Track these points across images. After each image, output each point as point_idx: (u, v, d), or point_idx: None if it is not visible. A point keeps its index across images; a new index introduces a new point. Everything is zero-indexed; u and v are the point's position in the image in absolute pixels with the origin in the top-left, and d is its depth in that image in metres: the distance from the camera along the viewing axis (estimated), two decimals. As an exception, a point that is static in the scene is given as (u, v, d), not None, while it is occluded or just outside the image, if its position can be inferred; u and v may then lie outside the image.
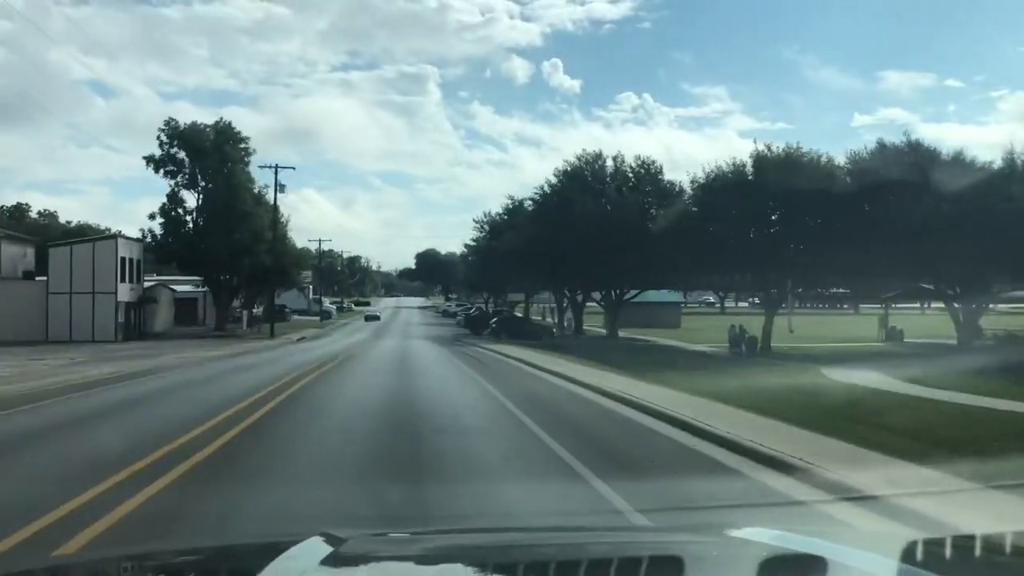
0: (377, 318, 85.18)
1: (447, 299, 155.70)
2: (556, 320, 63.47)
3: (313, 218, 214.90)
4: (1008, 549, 2.20)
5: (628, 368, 25.38)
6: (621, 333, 52.36)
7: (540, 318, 77.17)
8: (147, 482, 8.60)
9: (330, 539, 2.39)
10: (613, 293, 52.05)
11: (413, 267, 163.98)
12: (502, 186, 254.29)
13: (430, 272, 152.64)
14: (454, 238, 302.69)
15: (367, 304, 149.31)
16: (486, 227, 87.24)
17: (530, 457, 10.91)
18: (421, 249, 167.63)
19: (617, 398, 17.77)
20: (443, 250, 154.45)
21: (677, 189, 48.91)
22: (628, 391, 18.29)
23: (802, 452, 10.11)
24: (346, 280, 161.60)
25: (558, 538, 3.16)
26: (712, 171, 41.76)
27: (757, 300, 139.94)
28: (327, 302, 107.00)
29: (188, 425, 12.98)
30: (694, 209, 43.48)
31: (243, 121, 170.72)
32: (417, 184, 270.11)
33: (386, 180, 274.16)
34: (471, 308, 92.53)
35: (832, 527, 6.66)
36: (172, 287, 64.42)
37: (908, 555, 2.08)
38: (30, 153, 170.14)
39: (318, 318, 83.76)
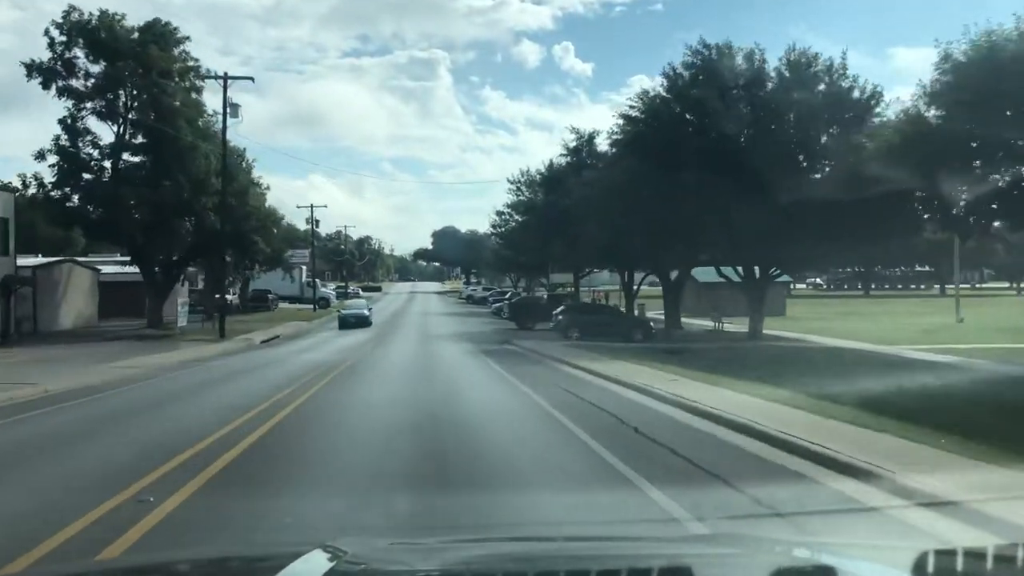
0: (364, 320, 43.07)
1: (468, 282, 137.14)
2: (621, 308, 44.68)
3: (323, 204, 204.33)
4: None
5: None
6: (709, 323, 33.75)
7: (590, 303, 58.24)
8: None
9: (333, 553, 2.30)
10: (756, 270, 32.83)
11: (429, 247, 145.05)
12: (514, 171, 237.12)
13: (450, 251, 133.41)
14: (469, 223, 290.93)
15: (377, 289, 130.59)
16: (523, 189, 68.63)
17: None
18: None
19: None
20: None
21: (871, 92, 29.80)
22: None
23: None
24: (353, 262, 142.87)
25: (577, 548, 2.94)
26: (964, 42, 22.55)
27: (820, 281, 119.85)
28: (328, 287, 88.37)
29: None
30: (934, 115, 24.42)
31: (251, 107, 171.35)
32: (429, 170, 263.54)
33: (398, 166, 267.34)
34: (507, 293, 73.59)
35: None
36: (95, 267, 45.78)
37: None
38: (39, 144, 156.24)
39: (311, 307, 65.21)
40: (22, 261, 37.73)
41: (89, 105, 37.42)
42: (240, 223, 38.59)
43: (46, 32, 35.96)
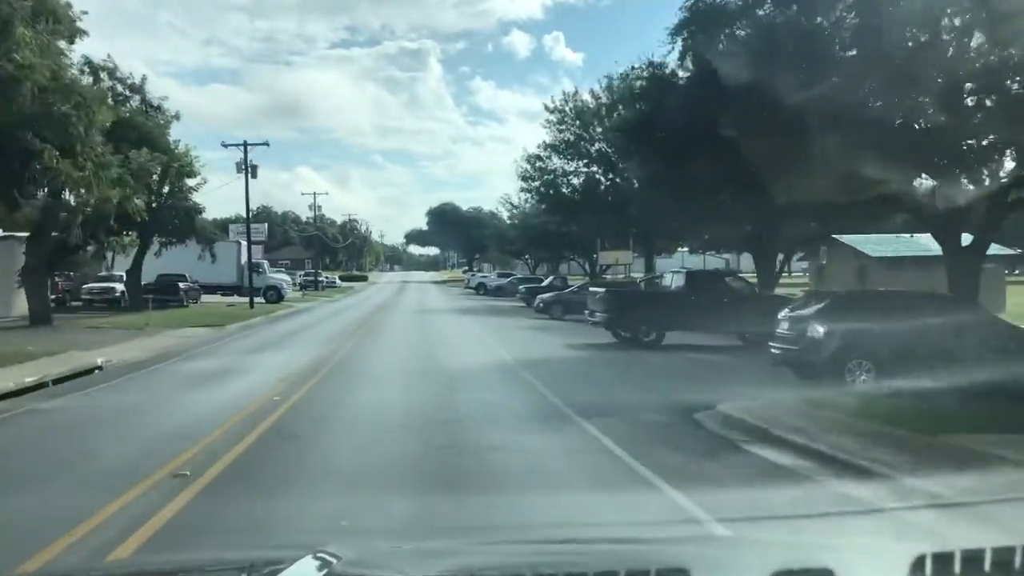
0: None
1: (470, 269, 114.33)
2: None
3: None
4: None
5: None
6: None
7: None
8: None
9: (327, 558, 2.22)
10: None
11: (424, 228, 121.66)
12: (506, 162, 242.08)
13: (448, 233, 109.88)
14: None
15: (362, 279, 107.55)
16: (569, 120, 46.21)
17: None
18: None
19: None
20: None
21: None
22: None
23: None
24: (334, 245, 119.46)
25: (575, 551, 2.79)
26: None
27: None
28: (291, 275, 65.13)
29: None
30: None
31: (238, 99, 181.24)
32: (421, 162, 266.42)
33: (389, 158, 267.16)
34: (542, 280, 50.55)
35: None
36: None
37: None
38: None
39: (247, 302, 41.85)
40: None
41: None
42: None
43: None
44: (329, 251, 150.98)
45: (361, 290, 76.04)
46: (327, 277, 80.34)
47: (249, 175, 41.53)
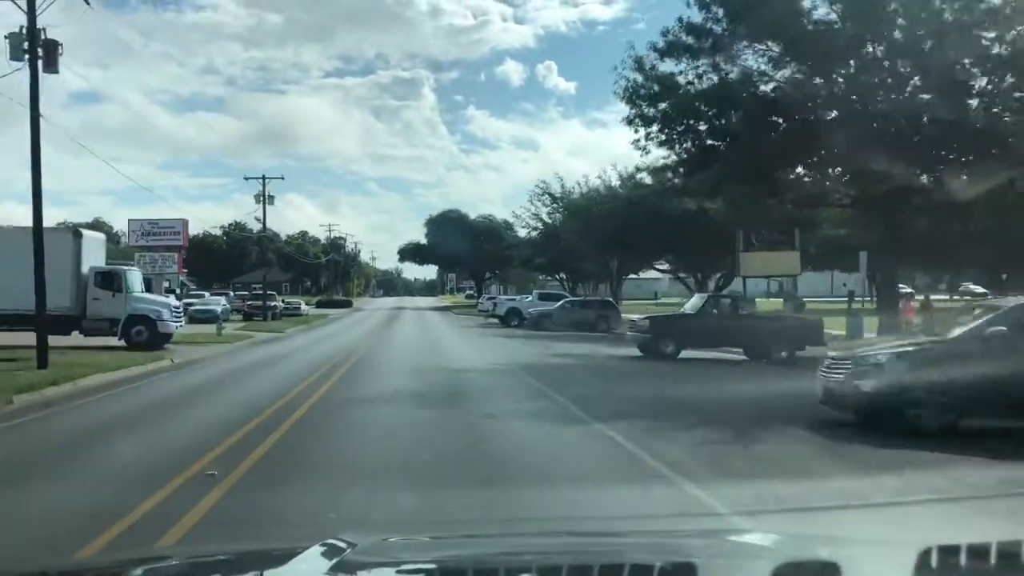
0: None
1: (478, 292, 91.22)
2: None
3: (304, 225, 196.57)
4: None
5: None
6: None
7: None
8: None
9: (336, 547, 2.18)
10: None
11: (423, 242, 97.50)
12: (499, 190, 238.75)
13: (454, 246, 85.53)
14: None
15: (346, 305, 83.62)
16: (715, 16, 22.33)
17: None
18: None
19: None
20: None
21: None
22: None
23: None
24: (310, 263, 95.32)
25: (581, 544, 2.84)
26: None
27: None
28: (213, 297, 40.85)
29: None
30: None
31: (229, 127, 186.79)
32: (415, 189, 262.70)
33: (383, 185, 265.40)
34: (693, 304, 26.74)
35: None
36: None
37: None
38: (18, 163, 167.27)
39: (87, 343, 17.88)
40: None
41: None
42: None
43: None
44: (311, 274, 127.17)
45: (335, 320, 51.94)
46: (285, 302, 56.16)
47: (39, 62, 17.61)
